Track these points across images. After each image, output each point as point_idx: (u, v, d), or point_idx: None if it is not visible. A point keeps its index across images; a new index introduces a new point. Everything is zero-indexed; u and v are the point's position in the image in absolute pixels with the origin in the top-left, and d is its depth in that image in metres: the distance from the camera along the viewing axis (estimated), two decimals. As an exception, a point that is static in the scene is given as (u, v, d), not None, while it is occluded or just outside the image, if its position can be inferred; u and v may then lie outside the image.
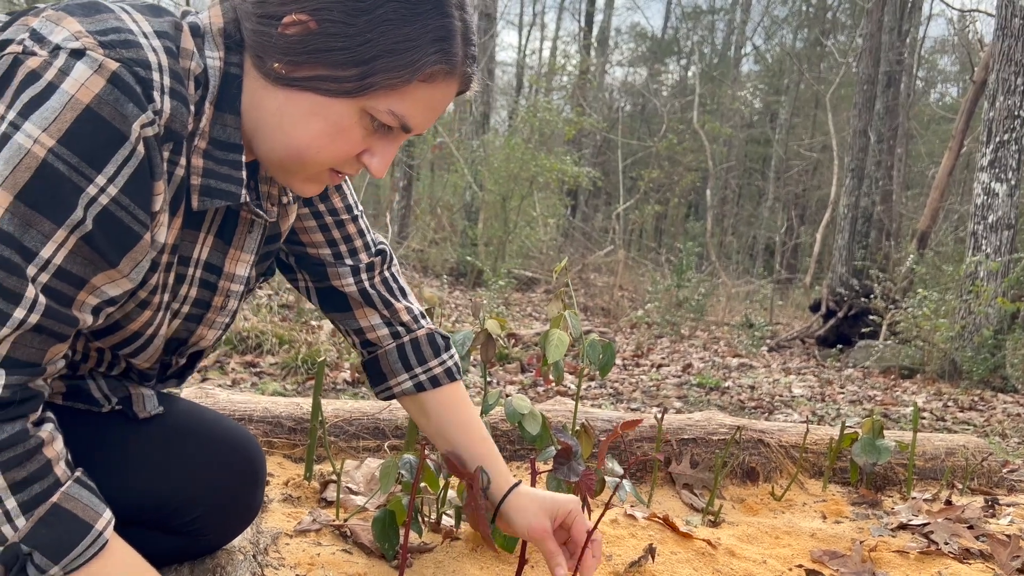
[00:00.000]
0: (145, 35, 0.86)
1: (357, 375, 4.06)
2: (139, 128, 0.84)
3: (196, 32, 0.94)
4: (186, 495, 1.16)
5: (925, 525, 2.05)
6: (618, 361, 6.28)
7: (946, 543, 1.93)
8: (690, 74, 26.51)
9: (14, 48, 0.82)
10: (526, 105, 14.83)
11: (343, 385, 3.94)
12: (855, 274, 10.33)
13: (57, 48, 0.81)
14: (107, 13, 0.86)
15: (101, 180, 0.83)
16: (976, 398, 5.82)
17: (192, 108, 0.92)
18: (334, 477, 1.91)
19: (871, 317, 8.79)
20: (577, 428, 1.95)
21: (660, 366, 6.27)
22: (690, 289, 10.27)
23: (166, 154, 0.90)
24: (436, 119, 1.02)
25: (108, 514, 0.90)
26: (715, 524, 2.03)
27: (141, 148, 0.85)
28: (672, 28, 27.73)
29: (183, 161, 0.94)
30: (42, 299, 0.83)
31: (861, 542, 1.89)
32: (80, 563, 0.87)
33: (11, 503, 0.83)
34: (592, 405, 4.00)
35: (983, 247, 7.10)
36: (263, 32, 0.93)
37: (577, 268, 12.58)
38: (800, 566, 1.75)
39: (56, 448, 0.88)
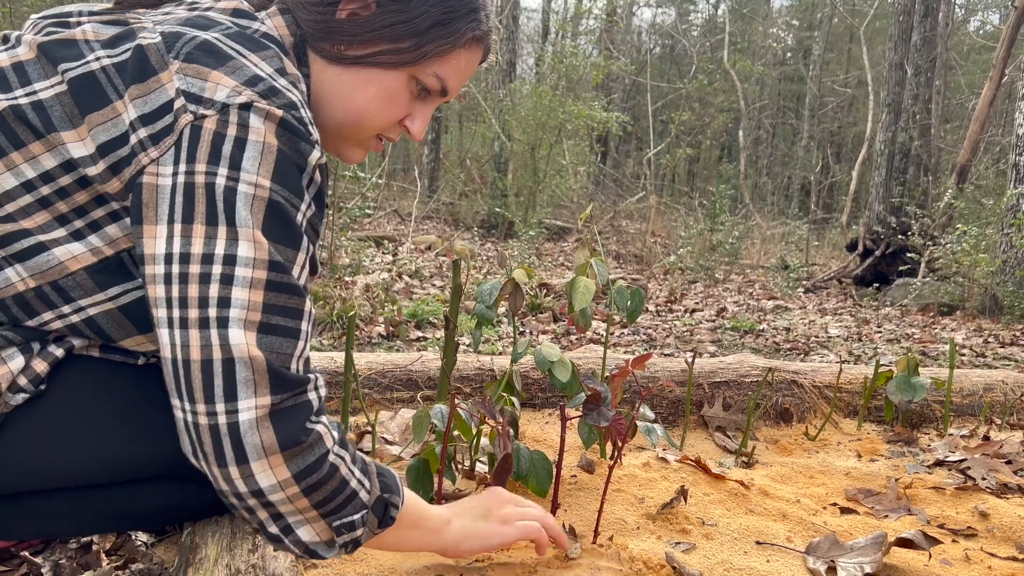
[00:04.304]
0: (273, 77, 0.96)
1: (391, 329, 4.10)
2: (314, 161, 0.97)
3: (283, 50, 1.05)
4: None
5: (962, 461, 2.04)
6: (651, 307, 6.26)
7: (983, 478, 1.91)
8: (720, 12, 25.90)
9: (185, 117, 0.91)
10: (552, 51, 14.60)
11: (378, 339, 3.99)
12: (893, 211, 10.13)
13: (225, 106, 0.91)
14: (234, 59, 0.95)
15: (303, 207, 0.96)
16: (1017, 333, 5.72)
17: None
18: (369, 428, 1.95)
19: (909, 255, 8.63)
20: (607, 375, 1.95)
21: (694, 311, 6.25)
22: (724, 232, 10.17)
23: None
24: (465, 84, 1.17)
25: None
26: (748, 465, 2.04)
27: (318, 175, 0.99)
28: (700, -35, 27.01)
29: None
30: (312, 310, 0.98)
31: (896, 479, 1.89)
32: (404, 493, 1.10)
33: (358, 474, 1.01)
34: (625, 352, 4.01)
35: (1025, 179, 6.91)
36: (322, 20, 1.07)
37: (609, 215, 12.50)
38: (834, 504, 1.76)
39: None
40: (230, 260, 0.90)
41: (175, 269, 0.90)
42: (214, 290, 0.90)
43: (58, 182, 0.95)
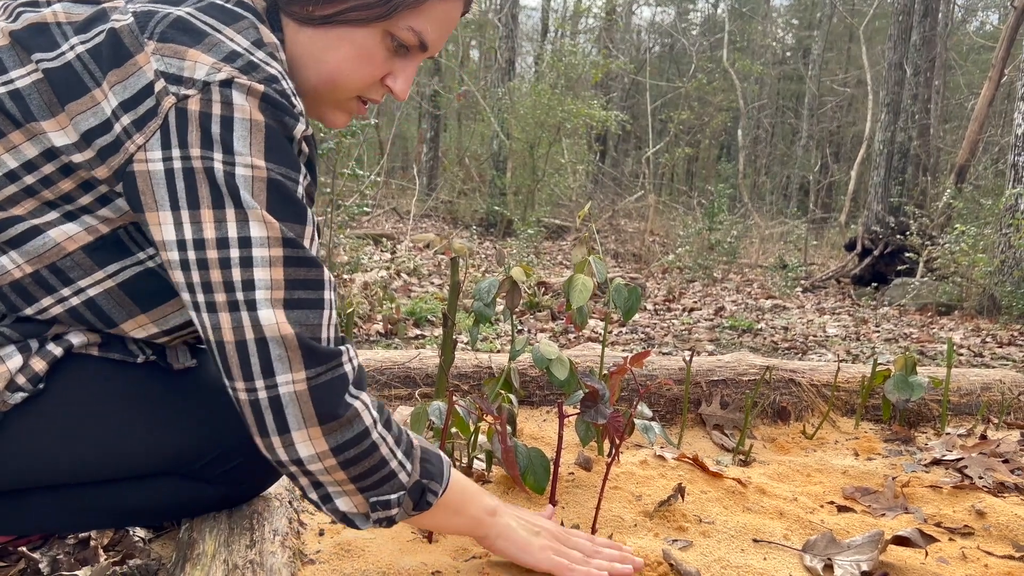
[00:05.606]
0: (250, 51, 0.95)
1: (390, 327, 4.10)
2: (300, 133, 0.96)
3: (258, 17, 1.01)
4: (224, 444, 1.18)
5: (959, 460, 2.04)
6: (649, 306, 6.26)
7: (980, 477, 1.92)
8: (719, 11, 25.91)
9: (168, 100, 0.90)
10: (551, 50, 14.60)
11: (376, 336, 3.99)
12: (891, 211, 10.13)
13: (206, 84, 0.90)
14: (210, 35, 0.94)
15: (301, 179, 0.97)
16: (1015, 333, 5.73)
17: None
18: (367, 426, 1.94)
19: (907, 254, 8.64)
20: (604, 372, 1.96)
21: (692, 310, 6.25)
22: (722, 232, 10.16)
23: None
24: (447, 38, 1.11)
25: None
26: (746, 463, 2.04)
27: (305, 147, 0.99)
28: (700, -36, 27.00)
29: None
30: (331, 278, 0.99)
31: (893, 478, 1.89)
32: (449, 480, 1.09)
33: (400, 455, 1.03)
34: (623, 350, 4.01)
35: (1024, 179, 6.92)
36: None
37: (607, 214, 12.50)
38: (831, 503, 1.76)
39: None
40: (245, 242, 0.91)
41: (191, 255, 0.91)
42: (236, 274, 0.91)
43: (41, 171, 0.95)
